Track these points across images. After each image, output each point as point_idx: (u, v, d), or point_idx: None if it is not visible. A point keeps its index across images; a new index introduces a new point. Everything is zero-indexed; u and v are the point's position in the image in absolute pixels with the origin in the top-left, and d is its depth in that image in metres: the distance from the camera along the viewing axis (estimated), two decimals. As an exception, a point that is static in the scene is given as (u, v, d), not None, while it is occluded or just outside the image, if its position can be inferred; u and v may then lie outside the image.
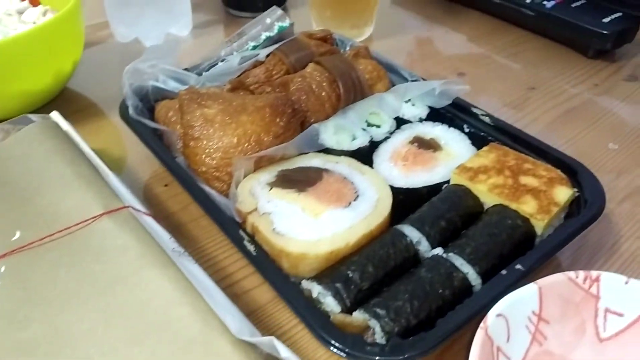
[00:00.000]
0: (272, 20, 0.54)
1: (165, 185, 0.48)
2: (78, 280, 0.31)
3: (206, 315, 0.29)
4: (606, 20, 0.65)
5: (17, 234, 0.33)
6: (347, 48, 0.56)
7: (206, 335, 0.28)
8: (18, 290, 0.31)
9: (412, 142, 0.46)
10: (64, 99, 0.59)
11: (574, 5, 0.68)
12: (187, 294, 0.30)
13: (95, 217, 0.34)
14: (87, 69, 0.63)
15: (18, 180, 0.37)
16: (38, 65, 0.52)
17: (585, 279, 0.33)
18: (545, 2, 0.69)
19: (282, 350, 0.27)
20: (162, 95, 0.50)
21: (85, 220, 0.34)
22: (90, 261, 0.32)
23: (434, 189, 0.42)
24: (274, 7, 0.55)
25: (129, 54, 0.66)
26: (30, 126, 0.42)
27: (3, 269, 0.31)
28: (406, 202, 0.41)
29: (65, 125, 0.44)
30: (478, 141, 0.46)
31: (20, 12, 0.56)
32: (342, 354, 0.29)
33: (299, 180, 0.41)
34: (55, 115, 0.45)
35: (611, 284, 0.33)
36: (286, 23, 0.54)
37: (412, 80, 0.51)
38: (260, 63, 0.52)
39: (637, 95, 0.61)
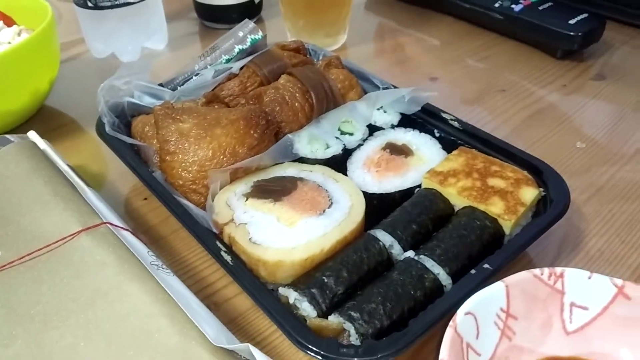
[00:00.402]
0: (244, 34, 0.55)
1: (145, 199, 0.49)
2: (59, 296, 0.32)
3: (184, 326, 0.29)
4: (572, 21, 0.67)
5: (7, 234, 0.34)
6: (320, 58, 0.58)
7: (185, 345, 0.28)
8: (1, 308, 0.31)
9: (384, 149, 0.47)
10: (42, 117, 0.60)
11: (541, 7, 0.70)
12: (166, 306, 0.30)
13: (73, 234, 0.35)
14: (64, 86, 0.63)
15: (10, 197, 0.38)
16: (14, 85, 0.52)
17: (550, 276, 0.34)
18: (513, 6, 0.71)
19: (258, 355, 0.28)
20: (138, 111, 0.51)
21: (64, 238, 0.35)
22: (71, 277, 0.32)
23: (406, 194, 0.43)
24: (246, 20, 0.56)
25: (105, 70, 0.67)
26: (7, 147, 0.42)
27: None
28: (380, 207, 0.42)
29: (42, 144, 0.45)
30: (448, 145, 0.47)
31: (-5, 32, 0.57)
32: (318, 357, 0.30)
33: (275, 190, 0.42)
34: (32, 135, 0.45)
35: (575, 280, 0.34)
36: (258, 35, 0.55)
37: (383, 88, 0.52)
38: (235, 76, 0.53)
39: (605, 94, 0.62)
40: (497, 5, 0.72)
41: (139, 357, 0.28)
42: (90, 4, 0.63)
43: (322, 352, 0.31)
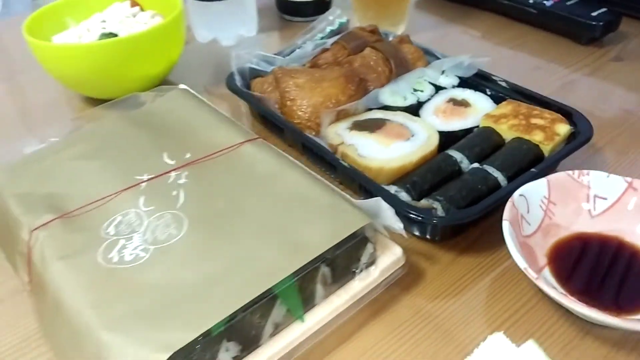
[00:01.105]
0: (333, 18, 0.70)
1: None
2: (237, 180, 0.46)
3: (332, 193, 0.43)
4: (594, 14, 0.81)
5: (188, 155, 0.48)
6: (390, 38, 0.72)
7: (334, 203, 0.42)
8: (199, 187, 0.45)
9: (448, 102, 0.61)
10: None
11: (568, 3, 0.84)
12: (318, 183, 0.45)
13: (239, 143, 0.49)
14: (178, 65, 0.79)
15: (177, 124, 0.52)
16: (154, 54, 0.68)
17: (579, 175, 0.48)
18: (545, 2, 0.85)
19: (386, 207, 0.42)
20: (255, 74, 0.66)
21: (233, 146, 0.49)
22: (243, 168, 0.47)
23: (467, 131, 0.57)
24: (334, 7, 0.71)
25: (208, 52, 0.83)
26: (173, 91, 0.57)
27: (185, 174, 0.46)
28: (447, 141, 0.56)
29: (192, 92, 0.60)
30: (498, 100, 0.61)
31: (135, 15, 0.73)
32: (419, 218, 0.45)
33: (369, 126, 0.56)
34: (183, 86, 0.60)
35: (597, 178, 0.48)
36: (344, 19, 0.70)
37: (445, 57, 0.67)
38: (327, 49, 0.68)
39: (621, 72, 0.76)
40: (531, 1, 0.86)
41: (301, 212, 0.42)
42: (199, -3, 0.79)
43: (421, 215, 0.45)
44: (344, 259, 0.41)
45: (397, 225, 0.42)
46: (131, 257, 0.39)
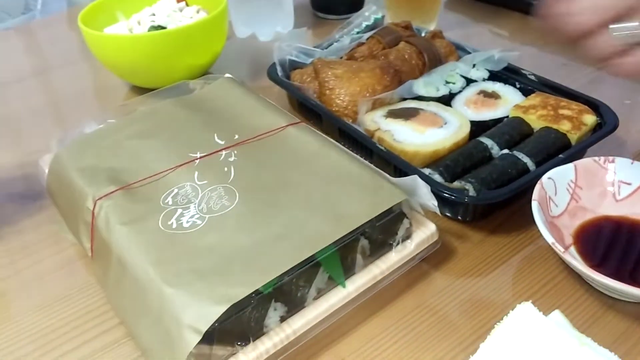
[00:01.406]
0: (369, 14, 0.73)
1: (300, 128, 0.67)
2: (282, 158, 0.49)
3: (370, 170, 0.47)
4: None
5: (236, 136, 0.52)
6: (423, 34, 0.75)
7: (374, 179, 0.46)
8: (248, 164, 0.49)
9: (479, 94, 0.64)
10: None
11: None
12: (358, 162, 0.48)
13: (283, 126, 0.53)
14: (219, 58, 0.83)
15: (225, 108, 0.56)
16: (201, 46, 0.72)
17: (605, 161, 0.51)
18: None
19: (422, 184, 0.45)
20: (294, 66, 0.69)
21: (277, 129, 0.53)
22: (287, 149, 0.50)
23: (497, 121, 0.60)
24: (370, 4, 0.74)
25: (246, 46, 0.87)
26: (221, 79, 0.61)
27: (235, 153, 0.50)
28: (477, 130, 0.59)
29: (237, 80, 0.63)
30: (526, 93, 0.64)
31: (181, 10, 0.77)
32: (452, 197, 0.48)
33: (404, 114, 0.60)
34: (228, 75, 0.64)
35: (622, 164, 0.50)
36: (379, 15, 0.73)
37: (475, 52, 0.70)
38: (363, 43, 0.71)
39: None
40: (559, 1, 0.88)
41: (343, 188, 0.45)
42: (239, -6, 0.83)
43: (454, 194, 0.48)
44: (382, 232, 0.45)
45: (432, 202, 0.46)
46: (188, 224, 0.42)
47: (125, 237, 0.42)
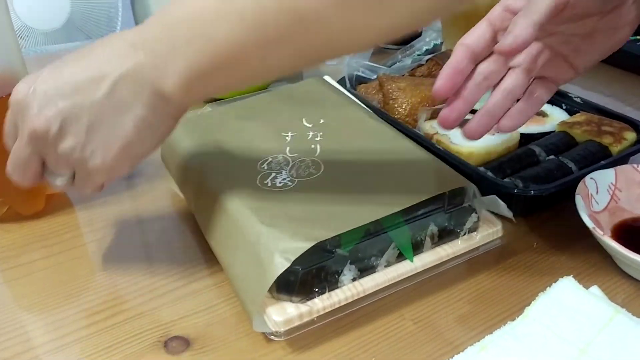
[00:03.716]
0: (429, 39, 0.82)
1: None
2: (362, 142, 0.56)
3: (439, 161, 0.54)
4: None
5: (322, 120, 0.60)
6: (477, 61, 0.83)
7: (441, 166, 0.53)
8: (332, 143, 0.56)
9: (527, 111, 0.71)
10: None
11: (638, 43, 0.93)
12: (421, 149, 0.55)
13: (362, 117, 0.61)
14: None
15: (313, 99, 0.65)
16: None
17: (643, 168, 0.57)
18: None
19: (500, 202, 0.52)
20: (360, 81, 0.78)
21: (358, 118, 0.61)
22: (366, 135, 0.57)
23: (544, 134, 0.66)
24: (430, 30, 0.83)
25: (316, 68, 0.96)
26: (311, 78, 0.70)
27: (320, 134, 0.58)
28: (526, 142, 0.65)
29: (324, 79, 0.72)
30: (572, 114, 0.70)
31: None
32: (502, 190, 0.54)
33: (460, 122, 0.67)
34: (327, 77, 0.73)
35: (659, 171, 0.56)
36: (438, 41, 0.82)
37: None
38: (422, 65, 0.79)
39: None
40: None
41: (414, 168, 0.52)
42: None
43: (506, 185, 0.54)
44: (450, 221, 0.51)
45: (508, 213, 0.52)
46: (281, 184, 0.51)
47: (228, 189, 0.50)
